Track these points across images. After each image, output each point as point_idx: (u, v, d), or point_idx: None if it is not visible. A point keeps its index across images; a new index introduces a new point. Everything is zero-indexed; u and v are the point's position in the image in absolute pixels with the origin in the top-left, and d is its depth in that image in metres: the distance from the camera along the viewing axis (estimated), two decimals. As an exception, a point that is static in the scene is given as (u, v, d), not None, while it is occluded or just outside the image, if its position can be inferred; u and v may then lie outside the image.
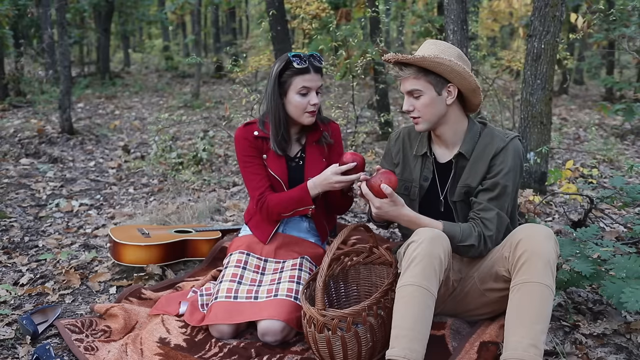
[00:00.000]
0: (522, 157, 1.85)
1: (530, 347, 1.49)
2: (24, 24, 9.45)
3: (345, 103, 4.48)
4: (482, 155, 1.84)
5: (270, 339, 1.87)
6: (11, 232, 3.06)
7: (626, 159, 4.51)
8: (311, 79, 2.02)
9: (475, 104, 1.88)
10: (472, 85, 1.80)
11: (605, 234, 2.74)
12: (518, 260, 1.61)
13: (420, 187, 1.96)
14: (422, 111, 1.82)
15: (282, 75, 2.04)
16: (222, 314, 1.89)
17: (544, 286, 1.56)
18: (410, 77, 1.80)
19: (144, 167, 4.52)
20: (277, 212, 2.08)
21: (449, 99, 1.82)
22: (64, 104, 5.45)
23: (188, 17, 14.54)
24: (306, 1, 4.45)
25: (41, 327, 2.01)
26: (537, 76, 3.14)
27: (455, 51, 1.82)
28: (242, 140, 2.14)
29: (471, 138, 1.87)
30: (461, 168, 1.89)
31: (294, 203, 2.04)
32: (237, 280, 2.01)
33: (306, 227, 2.25)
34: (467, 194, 1.86)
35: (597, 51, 8.90)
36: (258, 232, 2.19)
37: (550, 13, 3.03)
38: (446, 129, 1.88)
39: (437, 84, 1.80)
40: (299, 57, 2.02)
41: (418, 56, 1.75)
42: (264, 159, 2.14)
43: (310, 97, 2.04)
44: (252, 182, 2.12)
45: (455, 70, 1.75)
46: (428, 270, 1.60)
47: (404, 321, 1.56)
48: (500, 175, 1.80)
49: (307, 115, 2.06)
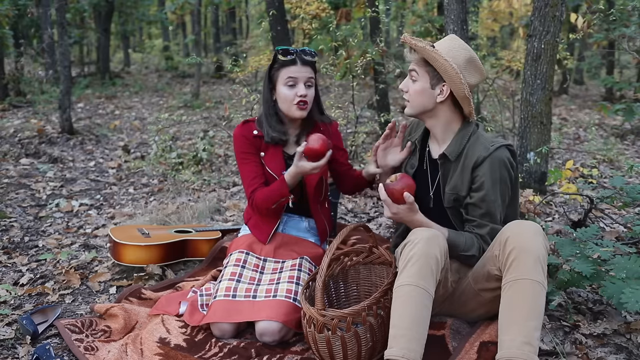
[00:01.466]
0: (509, 166, 1.81)
1: (524, 344, 1.48)
2: (24, 24, 9.45)
3: (345, 103, 4.48)
4: (467, 163, 1.83)
5: (268, 339, 1.87)
6: (11, 232, 3.06)
7: (626, 159, 4.51)
8: (297, 70, 2.03)
9: (465, 112, 1.86)
10: (460, 92, 1.78)
11: (605, 234, 2.74)
12: (508, 257, 1.60)
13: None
14: (411, 95, 1.86)
15: (272, 69, 2.08)
16: (220, 312, 1.89)
17: (535, 282, 1.55)
18: (414, 60, 1.85)
19: (144, 167, 4.52)
20: (264, 207, 2.10)
21: (439, 97, 1.82)
22: (64, 104, 5.45)
23: (188, 17, 14.54)
24: (306, 1, 4.45)
25: (41, 327, 2.01)
26: (537, 76, 3.14)
27: (464, 54, 1.80)
28: (240, 137, 2.15)
29: (458, 140, 1.86)
30: (447, 170, 1.89)
31: (275, 195, 2.05)
32: (235, 278, 2.01)
33: (306, 226, 2.26)
34: (457, 201, 1.86)
35: (597, 51, 8.90)
36: (257, 232, 2.19)
37: (550, 13, 3.03)
38: (434, 123, 1.89)
39: (434, 77, 1.81)
40: (287, 50, 2.04)
41: (420, 43, 1.78)
42: (261, 156, 2.15)
43: (298, 89, 2.03)
44: (247, 179, 2.14)
45: (447, 70, 1.75)
46: (425, 270, 1.60)
47: (402, 321, 1.56)
48: (484, 190, 1.79)
49: (296, 108, 2.05)
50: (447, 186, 1.88)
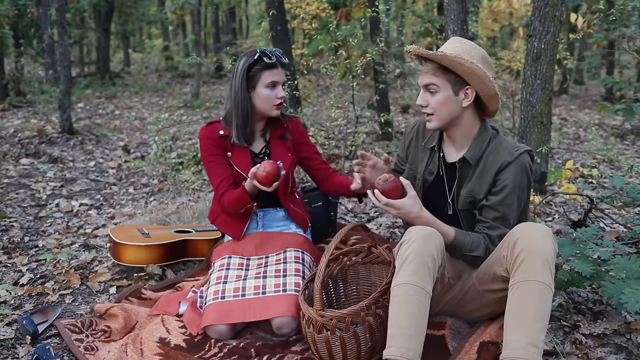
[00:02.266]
0: (530, 172, 1.80)
1: (529, 345, 1.48)
2: (24, 24, 9.46)
3: (345, 103, 4.48)
4: (488, 167, 1.80)
5: (286, 330, 1.91)
6: (11, 232, 3.06)
7: (626, 159, 4.51)
8: (278, 74, 2.14)
9: (492, 110, 1.83)
10: (491, 91, 1.75)
11: (605, 234, 2.74)
12: (516, 259, 1.60)
13: (424, 181, 1.95)
14: (435, 108, 1.79)
15: (251, 69, 2.12)
16: (213, 315, 1.91)
17: (543, 284, 1.54)
18: (429, 72, 1.77)
19: (144, 167, 4.52)
20: (232, 211, 2.18)
21: (465, 101, 1.77)
22: (64, 104, 5.45)
23: (188, 17, 14.54)
24: (306, 1, 4.45)
25: (41, 327, 2.01)
26: (537, 76, 3.14)
27: (480, 53, 1.77)
28: (206, 139, 2.21)
29: (478, 144, 1.83)
30: (466, 174, 1.86)
31: (239, 202, 2.13)
32: (222, 281, 2.04)
33: (283, 215, 2.32)
34: (472, 204, 1.84)
35: (597, 51, 8.90)
36: (229, 230, 2.25)
37: (550, 13, 3.03)
38: (457, 131, 1.85)
39: (456, 84, 1.75)
40: (267, 52, 2.11)
41: (439, 53, 1.71)
42: (228, 156, 2.20)
43: (278, 91, 2.14)
44: (214, 181, 2.21)
45: (475, 72, 1.71)
46: (421, 269, 1.60)
47: (400, 320, 1.56)
48: (504, 194, 1.77)
49: (274, 108, 2.16)
50: (463, 189, 1.85)
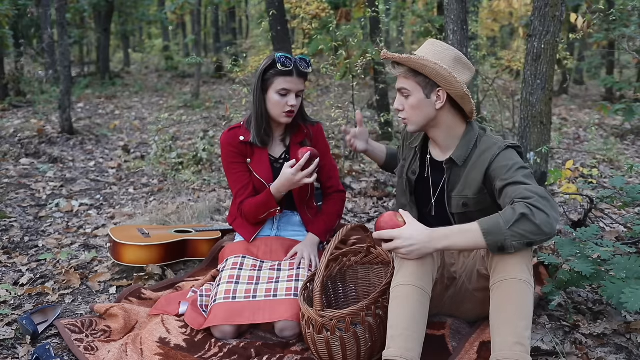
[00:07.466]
0: (522, 159, 1.77)
1: (516, 345, 1.47)
2: (24, 24, 9.46)
3: (345, 103, 4.48)
4: (478, 165, 1.76)
5: (289, 333, 1.90)
6: (11, 232, 3.06)
7: (626, 159, 4.51)
8: (292, 82, 2.08)
9: (467, 111, 1.80)
10: (459, 92, 1.72)
11: (605, 234, 2.74)
12: (492, 259, 1.59)
13: (409, 180, 1.96)
14: (408, 112, 1.79)
15: (267, 72, 2.10)
16: (222, 315, 1.90)
17: (521, 281, 1.53)
18: (401, 75, 1.78)
19: (144, 167, 4.52)
20: (252, 218, 2.19)
21: (437, 103, 1.76)
22: (64, 104, 5.46)
23: (188, 17, 14.55)
24: (306, 1, 4.45)
25: (41, 327, 2.01)
26: (537, 76, 3.14)
27: (452, 54, 1.75)
28: (227, 146, 2.21)
29: (465, 144, 1.80)
30: (455, 175, 1.83)
31: (263, 207, 2.14)
32: (234, 281, 2.02)
33: (299, 220, 2.31)
34: (465, 206, 1.82)
35: (597, 51, 8.90)
36: (243, 231, 2.25)
37: (550, 13, 3.03)
38: (438, 132, 1.83)
39: (426, 86, 1.74)
40: (286, 58, 2.07)
41: (404, 56, 1.71)
42: (248, 163, 2.20)
43: (289, 99, 2.09)
44: (235, 188, 2.22)
45: (440, 74, 1.69)
46: (420, 269, 1.60)
47: (399, 321, 1.55)
48: (507, 169, 1.65)
49: (284, 115, 2.12)
50: (453, 191, 1.83)
